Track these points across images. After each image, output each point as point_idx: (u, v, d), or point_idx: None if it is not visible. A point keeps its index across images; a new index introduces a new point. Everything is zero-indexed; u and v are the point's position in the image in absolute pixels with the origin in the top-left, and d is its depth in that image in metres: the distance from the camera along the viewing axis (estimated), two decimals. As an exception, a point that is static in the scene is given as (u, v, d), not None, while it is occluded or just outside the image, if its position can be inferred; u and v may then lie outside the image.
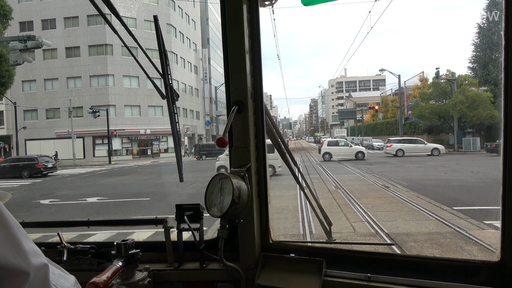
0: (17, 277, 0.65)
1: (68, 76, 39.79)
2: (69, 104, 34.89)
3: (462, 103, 27.85)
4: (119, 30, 1.50)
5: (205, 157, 33.23)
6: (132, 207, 10.83)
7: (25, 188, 16.69)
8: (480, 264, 1.19)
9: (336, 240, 1.64)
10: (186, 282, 1.47)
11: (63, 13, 39.30)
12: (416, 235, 6.52)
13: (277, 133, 1.62)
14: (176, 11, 44.68)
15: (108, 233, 7.33)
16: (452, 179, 13.87)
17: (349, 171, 17.56)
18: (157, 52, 1.54)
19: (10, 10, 17.32)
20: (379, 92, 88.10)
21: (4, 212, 0.67)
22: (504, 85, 1.11)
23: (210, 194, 1.26)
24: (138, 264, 1.31)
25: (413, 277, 1.22)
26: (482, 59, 32.51)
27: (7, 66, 16.59)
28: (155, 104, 40.13)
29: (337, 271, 1.32)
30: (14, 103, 31.49)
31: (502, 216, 1.14)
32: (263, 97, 1.46)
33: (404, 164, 21.25)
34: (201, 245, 1.48)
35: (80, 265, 1.51)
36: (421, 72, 57.25)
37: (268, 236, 1.50)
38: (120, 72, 39.35)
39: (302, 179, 1.71)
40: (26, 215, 10.12)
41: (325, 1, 1.45)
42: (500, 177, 1.15)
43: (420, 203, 9.06)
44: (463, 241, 6.11)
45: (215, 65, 57.77)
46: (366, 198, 10.03)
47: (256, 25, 1.42)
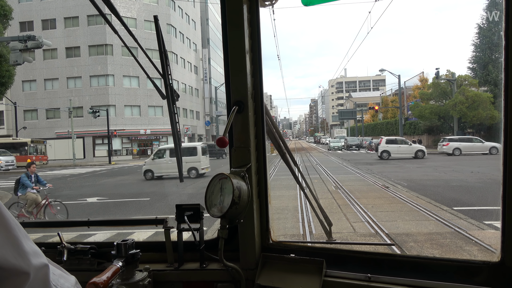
0: (17, 277, 0.65)
1: (68, 76, 39.81)
2: (69, 104, 34.89)
3: (462, 104, 27.86)
4: (119, 30, 1.50)
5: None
6: (132, 207, 10.83)
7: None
8: (480, 264, 1.19)
9: (336, 240, 1.64)
10: (186, 282, 1.47)
11: (63, 13, 39.32)
12: (416, 235, 6.52)
13: (277, 133, 1.62)
14: (176, 11, 44.69)
15: (108, 233, 7.33)
16: (452, 179, 13.87)
17: (349, 171, 17.56)
18: (157, 52, 1.54)
19: (10, 10, 17.34)
20: (379, 92, 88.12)
21: (4, 212, 0.67)
22: (504, 85, 1.11)
23: (210, 194, 1.26)
24: (138, 264, 1.31)
25: (413, 277, 1.22)
26: (482, 60, 32.52)
27: (7, 66, 16.61)
28: (155, 104, 40.14)
29: (337, 271, 1.32)
30: (14, 103, 31.51)
31: (502, 216, 1.14)
32: (263, 97, 1.46)
33: (404, 164, 21.26)
34: (201, 245, 1.48)
35: (80, 265, 1.51)
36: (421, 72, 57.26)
37: (268, 236, 1.50)
38: (120, 72, 39.36)
39: (302, 179, 1.71)
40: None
41: (325, 1, 1.45)
42: (500, 177, 1.15)
43: (420, 203, 9.06)
44: (463, 241, 6.11)
45: (215, 65, 57.78)
46: (366, 198, 10.03)
47: (256, 25, 1.42)
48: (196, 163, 17.10)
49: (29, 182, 8.86)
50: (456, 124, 29.96)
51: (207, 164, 18.22)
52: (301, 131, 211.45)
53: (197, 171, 17.18)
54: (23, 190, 8.89)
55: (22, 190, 8.90)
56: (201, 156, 17.38)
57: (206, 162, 18.16)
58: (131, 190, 15.08)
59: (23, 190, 8.89)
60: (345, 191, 11.15)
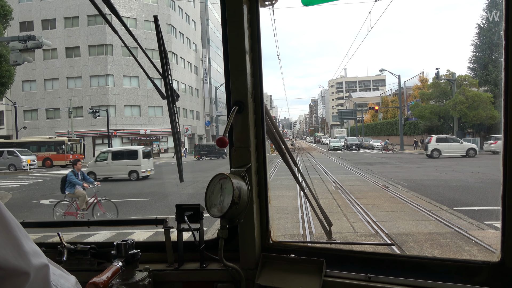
0: (18, 277, 0.65)
1: (68, 76, 39.84)
2: (69, 104, 34.89)
3: (462, 104, 27.85)
4: (119, 30, 1.50)
5: (205, 157, 33.24)
6: (132, 207, 10.83)
7: (25, 188, 16.69)
8: (480, 264, 1.19)
9: (336, 240, 1.64)
10: (186, 282, 1.47)
11: (63, 13, 39.34)
12: (416, 235, 6.52)
13: (277, 133, 1.62)
14: (176, 11, 44.70)
15: (108, 233, 7.33)
16: (452, 179, 13.88)
17: (349, 171, 17.57)
18: (157, 52, 1.54)
19: (10, 10, 17.34)
20: (379, 92, 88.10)
21: (4, 212, 0.67)
22: (504, 85, 1.11)
23: (210, 194, 1.26)
24: (138, 264, 1.31)
25: (413, 277, 1.22)
26: (482, 60, 32.50)
27: (7, 66, 16.61)
28: (155, 104, 40.16)
29: (337, 271, 1.32)
30: (14, 103, 31.52)
31: (502, 216, 1.14)
32: (263, 97, 1.46)
33: (404, 164, 21.26)
34: (201, 245, 1.48)
35: (80, 265, 1.51)
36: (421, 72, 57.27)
37: (268, 236, 1.50)
38: (120, 72, 39.37)
39: (302, 179, 1.71)
40: (26, 215, 10.12)
41: (325, 1, 1.45)
42: (500, 177, 1.15)
43: (420, 204, 9.06)
44: (463, 241, 6.11)
45: (215, 65, 57.78)
46: (366, 198, 10.03)
47: (256, 25, 1.42)
48: (136, 166, 17.63)
49: (77, 179, 8.64)
50: (456, 124, 29.96)
51: (149, 167, 18.60)
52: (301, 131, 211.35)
53: (138, 174, 17.63)
54: (71, 188, 8.64)
55: (70, 188, 8.64)
56: (141, 159, 17.80)
57: (148, 166, 18.47)
58: (131, 190, 15.09)
59: (71, 188, 8.64)
60: (345, 191, 11.15)
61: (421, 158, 25.11)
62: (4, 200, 12.72)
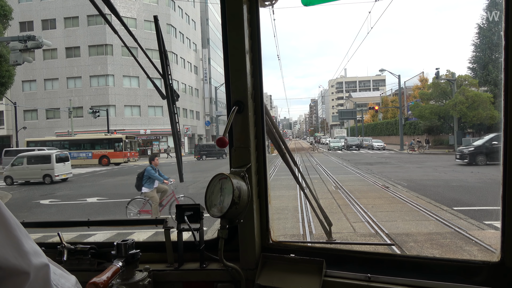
0: (18, 277, 0.65)
1: (68, 76, 39.85)
2: (69, 104, 34.91)
3: (462, 104, 27.82)
4: (119, 30, 1.50)
5: (205, 157, 33.23)
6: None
7: (25, 188, 16.69)
8: (480, 264, 1.19)
9: (336, 240, 1.64)
10: (186, 282, 1.47)
11: (63, 13, 39.35)
12: (416, 235, 6.52)
13: (277, 133, 1.62)
14: (176, 11, 44.71)
15: (108, 233, 7.33)
16: (452, 179, 13.87)
17: (349, 171, 17.57)
18: (157, 52, 1.54)
19: (10, 10, 17.36)
20: (379, 92, 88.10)
21: (4, 212, 0.67)
22: (504, 85, 1.11)
23: (210, 194, 1.26)
24: (138, 264, 1.31)
25: (413, 277, 1.23)
26: (482, 60, 32.48)
27: (7, 66, 16.63)
28: (155, 104, 40.17)
29: (337, 271, 1.32)
30: (14, 103, 31.51)
31: (502, 216, 1.14)
32: (263, 97, 1.46)
33: (404, 164, 21.26)
34: (201, 245, 1.48)
35: (80, 265, 1.51)
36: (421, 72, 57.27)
37: (268, 236, 1.51)
38: (120, 72, 39.38)
39: (302, 179, 1.71)
40: (26, 215, 10.12)
41: (325, 1, 1.45)
42: (500, 177, 1.15)
43: (420, 204, 9.06)
44: (463, 241, 6.11)
45: (215, 65, 57.79)
46: (366, 199, 10.02)
47: (256, 26, 1.42)
48: (49, 170, 18.01)
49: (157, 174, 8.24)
50: (456, 124, 29.93)
51: (66, 171, 18.87)
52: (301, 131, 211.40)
53: (51, 177, 17.96)
54: (150, 184, 8.22)
55: (148, 185, 8.21)
56: (55, 163, 18.13)
57: (64, 169, 18.71)
58: (131, 190, 15.05)
59: (149, 184, 8.21)
60: (345, 191, 11.15)
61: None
62: (4, 200, 12.72)
